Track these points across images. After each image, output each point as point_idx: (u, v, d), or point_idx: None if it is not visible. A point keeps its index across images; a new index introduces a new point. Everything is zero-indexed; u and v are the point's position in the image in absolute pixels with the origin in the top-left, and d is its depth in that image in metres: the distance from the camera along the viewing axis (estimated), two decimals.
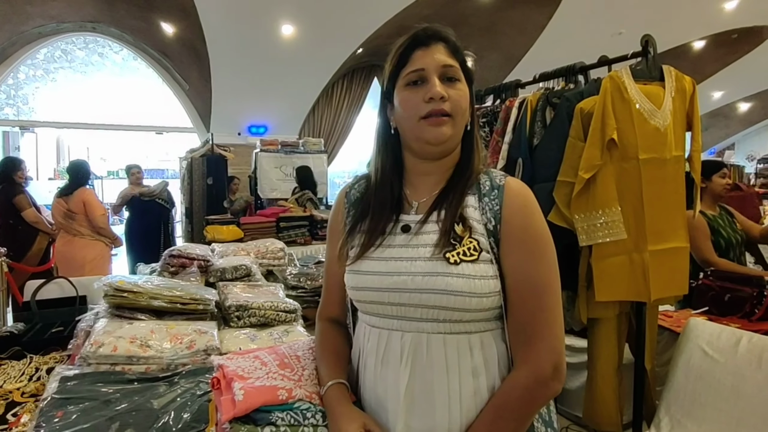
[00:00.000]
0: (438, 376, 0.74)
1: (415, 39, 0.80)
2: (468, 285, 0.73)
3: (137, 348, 1.16)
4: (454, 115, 0.78)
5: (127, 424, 0.92)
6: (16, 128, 9.03)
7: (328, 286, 0.93)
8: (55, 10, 6.24)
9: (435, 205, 0.81)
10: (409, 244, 0.79)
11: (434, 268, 0.75)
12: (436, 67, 0.78)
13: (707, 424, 1.55)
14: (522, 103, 1.95)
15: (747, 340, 1.56)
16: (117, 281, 1.36)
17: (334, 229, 0.90)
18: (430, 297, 0.74)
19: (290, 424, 0.78)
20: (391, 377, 0.77)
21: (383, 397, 0.78)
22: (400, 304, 0.77)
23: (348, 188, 0.91)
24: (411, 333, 0.77)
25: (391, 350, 0.78)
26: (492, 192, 0.79)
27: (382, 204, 0.83)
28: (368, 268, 0.80)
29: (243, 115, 7.76)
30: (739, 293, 2.02)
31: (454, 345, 0.75)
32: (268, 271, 2.29)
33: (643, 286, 1.65)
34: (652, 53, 1.72)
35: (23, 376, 1.29)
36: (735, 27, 7.75)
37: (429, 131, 0.78)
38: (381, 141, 0.87)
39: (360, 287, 0.81)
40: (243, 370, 0.87)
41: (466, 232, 0.77)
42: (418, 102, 0.78)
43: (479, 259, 0.75)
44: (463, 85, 0.80)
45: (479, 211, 0.79)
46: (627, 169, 1.63)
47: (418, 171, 0.85)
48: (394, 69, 0.81)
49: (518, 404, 0.74)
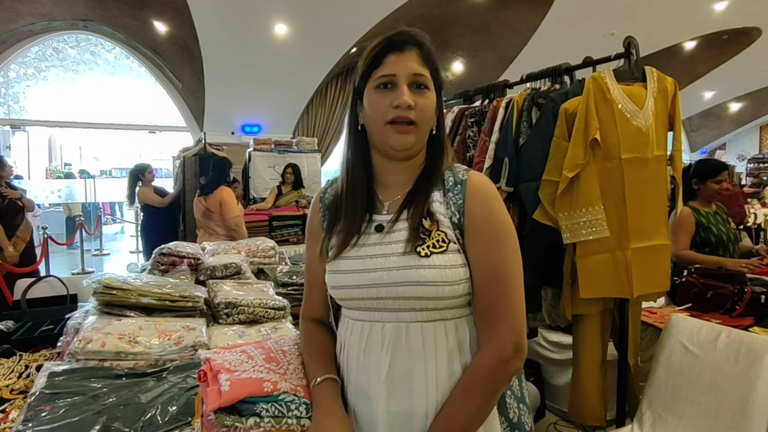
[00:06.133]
0: (416, 361, 0.79)
1: (390, 42, 0.82)
2: (439, 275, 0.77)
3: (126, 344, 1.18)
4: (419, 123, 0.81)
5: (114, 417, 0.93)
6: (7, 127, 8.96)
7: (311, 286, 0.96)
8: (46, 8, 6.21)
9: (405, 204, 0.85)
10: (383, 242, 0.83)
11: (407, 261, 0.79)
12: (407, 74, 0.80)
13: (687, 417, 1.58)
14: (509, 103, 1.98)
15: (726, 335, 1.60)
16: (106, 279, 1.37)
17: (312, 233, 0.93)
18: (405, 289, 0.79)
19: (274, 415, 0.80)
20: (373, 366, 0.81)
21: (366, 385, 0.81)
22: (379, 298, 0.81)
23: (322, 192, 0.94)
24: (391, 323, 0.81)
25: (373, 340, 0.82)
26: (455, 187, 0.84)
27: (354, 205, 0.86)
28: (346, 267, 0.83)
29: (236, 115, 7.75)
30: (721, 290, 2.06)
31: (431, 331, 0.80)
32: (259, 269, 2.30)
33: (626, 283, 1.68)
34: (635, 54, 1.75)
35: (12, 373, 1.30)
36: (725, 28, 7.83)
37: (394, 138, 0.81)
38: (350, 137, 0.89)
39: (340, 285, 0.84)
40: (230, 363, 0.89)
41: (434, 225, 0.81)
42: (385, 106, 0.80)
43: (448, 250, 0.79)
44: (431, 94, 0.83)
45: (444, 205, 0.83)
46: (610, 168, 1.67)
47: (386, 171, 0.88)
48: (367, 69, 0.83)
49: (484, 383, 0.78)
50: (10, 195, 3.90)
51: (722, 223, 2.59)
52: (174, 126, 8.82)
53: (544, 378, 2.44)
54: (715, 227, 2.54)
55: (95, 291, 1.35)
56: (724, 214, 2.66)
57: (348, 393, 0.85)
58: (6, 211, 3.81)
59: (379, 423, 0.79)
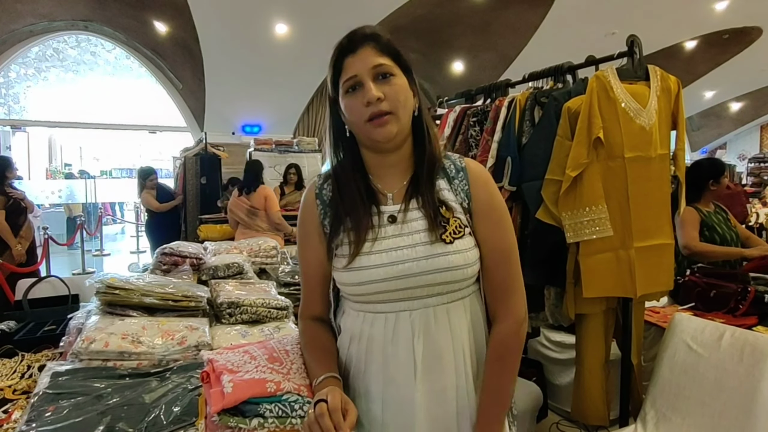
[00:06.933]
0: (445, 341, 0.84)
1: (342, 48, 0.84)
2: (463, 258, 0.83)
3: (129, 344, 1.17)
4: (395, 111, 0.82)
5: (118, 418, 0.93)
6: (7, 127, 8.96)
7: (309, 285, 0.94)
8: (46, 8, 6.21)
9: (410, 193, 0.87)
10: (402, 233, 0.84)
11: (434, 250, 0.82)
12: (367, 70, 0.81)
13: (691, 417, 1.58)
14: (511, 102, 1.97)
15: (730, 334, 1.59)
16: (109, 278, 1.37)
17: (308, 230, 0.91)
18: (436, 276, 0.82)
19: (278, 416, 0.80)
20: (403, 353, 0.83)
21: (394, 373, 0.83)
22: (406, 288, 0.83)
23: (317, 188, 0.92)
24: (418, 310, 0.84)
25: (401, 329, 0.84)
26: (459, 174, 0.89)
27: (354, 201, 0.86)
28: (369, 263, 0.83)
29: (237, 115, 7.75)
30: (724, 289, 2.05)
31: (454, 311, 0.86)
32: (261, 269, 2.30)
33: (630, 282, 1.68)
34: (638, 53, 1.74)
35: (15, 373, 1.30)
36: (726, 27, 7.84)
37: (376, 132, 0.82)
38: (337, 143, 0.90)
39: (364, 282, 0.83)
40: (232, 364, 0.89)
41: (449, 213, 0.86)
42: (359, 107, 0.82)
43: (465, 234, 0.85)
44: (398, 79, 0.83)
45: (453, 192, 0.88)
46: (613, 167, 1.66)
47: (380, 164, 0.89)
48: (332, 78, 0.86)
49: (515, 349, 0.87)
50: (14, 195, 3.92)
51: (723, 222, 2.59)
52: (174, 126, 8.83)
53: (546, 378, 2.43)
54: (719, 227, 2.54)
55: (98, 291, 1.35)
56: (724, 213, 2.66)
57: (370, 383, 0.86)
58: (11, 212, 3.83)
59: (417, 406, 0.82)
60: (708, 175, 2.60)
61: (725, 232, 2.54)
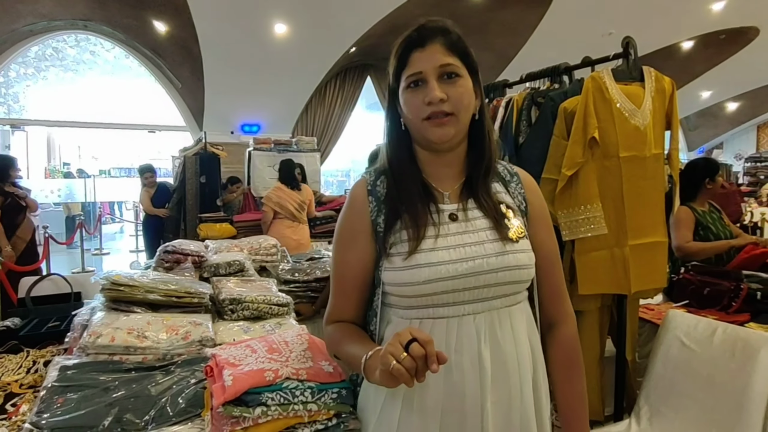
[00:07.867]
0: (509, 346, 0.81)
1: (411, 40, 0.81)
2: (528, 257, 0.83)
3: (134, 339, 1.20)
4: (456, 113, 0.79)
5: (126, 409, 0.96)
6: (7, 126, 8.96)
7: (344, 291, 0.87)
8: (46, 8, 6.21)
9: (467, 193, 0.85)
10: (467, 231, 0.81)
11: (503, 247, 0.81)
12: (434, 68, 0.78)
13: (684, 412, 1.61)
14: (508, 102, 2.00)
15: (722, 330, 1.63)
16: (114, 275, 1.39)
17: (357, 230, 0.84)
18: (505, 275, 0.80)
19: (281, 403, 0.83)
20: (468, 362, 0.77)
21: (459, 383, 0.77)
22: (474, 288, 0.79)
23: (369, 185, 0.86)
24: (483, 313, 0.80)
25: (465, 335, 0.78)
26: (513, 178, 0.91)
27: (412, 196, 0.82)
28: (435, 259, 0.78)
29: (236, 114, 7.76)
30: (717, 287, 2.08)
31: (515, 314, 0.84)
32: (262, 267, 2.32)
33: (624, 279, 1.71)
34: (633, 54, 1.78)
35: (21, 368, 1.32)
36: (723, 28, 7.87)
37: (432, 132, 0.79)
38: (393, 137, 0.87)
39: (429, 280, 0.77)
40: (234, 358, 0.92)
41: (510, 213, 0.85)
42: (419, 104, 0.79)
43: (526, 236, 0.85)
44: (464, 81, 0.80)
45: (510, 195, 0.88)
46: (608, 166, 1.69)
47: (435, 163, 0.86)
48: (395, 70, 0.82)
49: (579, 350, 0.91)
50: (16, 194, 3.93)
51: (718, 221, 2.62)
52: (173, 126, 8.82)
53: None
54: (713, 225, 2.58)
55: (103, 287, 1.37)
56: (717, 212, 2.70)
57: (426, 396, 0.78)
58: (7, 210, 3.83)
59: (486, 416, 0.77)
60: (704, 174, 2.63)
61: (719, 231, 2.57)
